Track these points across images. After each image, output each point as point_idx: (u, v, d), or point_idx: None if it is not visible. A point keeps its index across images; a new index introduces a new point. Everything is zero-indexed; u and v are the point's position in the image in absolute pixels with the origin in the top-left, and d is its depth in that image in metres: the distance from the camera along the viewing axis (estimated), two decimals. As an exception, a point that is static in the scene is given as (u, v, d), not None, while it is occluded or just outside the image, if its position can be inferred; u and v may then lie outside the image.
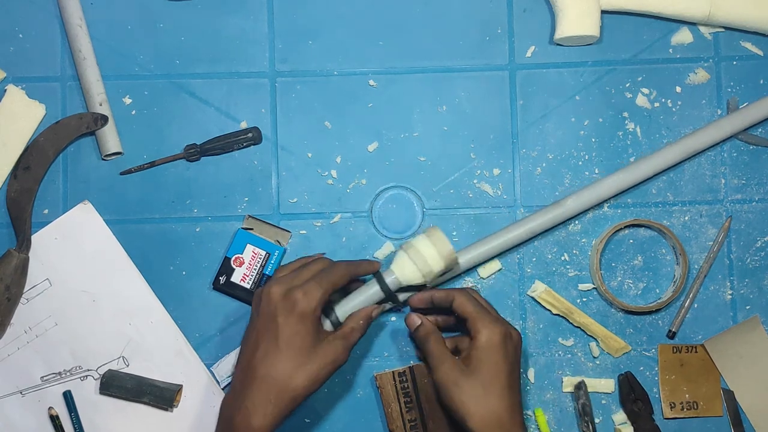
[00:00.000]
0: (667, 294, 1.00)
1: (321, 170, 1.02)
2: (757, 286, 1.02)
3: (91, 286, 0.99)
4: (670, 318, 1.02)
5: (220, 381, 0.99)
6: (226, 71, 1.02)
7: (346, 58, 1.03)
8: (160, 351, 0.99)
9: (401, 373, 0.98)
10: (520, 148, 1.03)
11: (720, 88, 1.04)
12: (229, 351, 0.99)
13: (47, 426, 0.97)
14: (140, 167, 1.01)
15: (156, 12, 1.02)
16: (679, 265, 1.00)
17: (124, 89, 1.02)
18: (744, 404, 1.01)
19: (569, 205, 0.99)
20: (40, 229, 0.99)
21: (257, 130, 1.01)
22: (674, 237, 1.00)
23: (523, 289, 1.01)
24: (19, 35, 1.02)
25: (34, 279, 0.99)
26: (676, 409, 1.01)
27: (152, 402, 0.97)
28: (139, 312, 0.99)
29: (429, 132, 1.02)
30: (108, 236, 1.00)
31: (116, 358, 0.99)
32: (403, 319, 0.98)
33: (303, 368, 0.85)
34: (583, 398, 0.99)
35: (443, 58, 1.03)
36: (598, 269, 1.00)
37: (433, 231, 0.92)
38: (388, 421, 0.97)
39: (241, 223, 1.00)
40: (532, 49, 1.03)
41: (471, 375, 0.88)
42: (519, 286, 1.02)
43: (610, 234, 1.00)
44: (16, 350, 0.98)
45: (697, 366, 1.01)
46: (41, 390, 0.98)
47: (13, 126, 0.99)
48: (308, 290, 0.86)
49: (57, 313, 0.99)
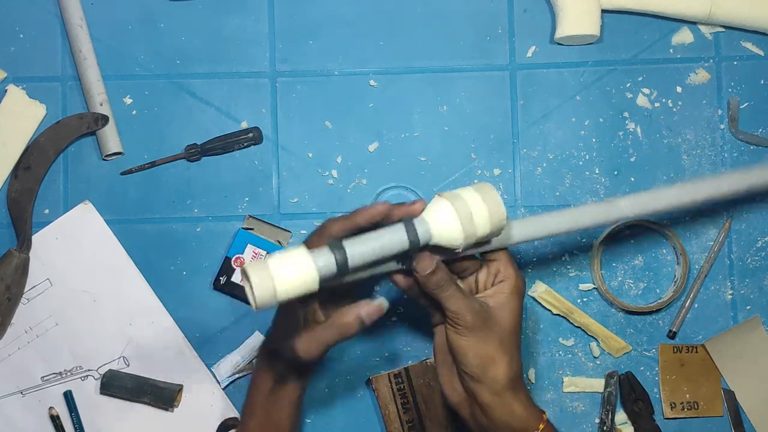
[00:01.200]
0: (668, 294, 1.00)
1: (321, 170, 1.02)
2: (757, 286, 1.02)
3: (91, 286, 0.99)
4: (670, 318, 1.02)
5: (221, 381, 0.99)
6: (227, 71, 1.02)
7: (346, 58, 1.03)
8: (161, 351, 0.99)
9: (397, 375, 0.98)
10: (520, 148, 1.02)
11: (720, 89, 1.03)
12: (229, 351, 1.00)
13: (48, 426, 0.97)
14: (141, 167, 1.01)
15: (156, 12, 1.02)
16: (679, 265, 1.00)
17: (124, 89, 1.02)
18: (744, 404, 1.01)
19: (623, 207, 0.88)
20: (41, 229, 1.00)
21: (258, 130, 1.01)
22: (675, 237, 1.00)
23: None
24: (19, 35, 1.02)
25: (34, 279, 0.99)
26: (676, 409, 1.01)
27: (153, 402, 0.97)
28: (140, 312, 0.99)
29: (429, 132, 1.02)
30: (108, 236, 1.00)
31: (117, 358, 0.99)
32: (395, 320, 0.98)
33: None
34: (612, 387, 0.99)
35: (443, 58, 1.03)
36: (599, 269, 1.00)
37: (484, 187, 0.77)
38: (386, 423, 0.97)
39: (242, 223, 1.00)
40: (533, 49, 1.03)
41: (497, 319, 0.81)
42: (519, 286, 1.02)
43: (609, 234, 1.00)
44: (16, 350, 0.98)
45: (697, 366, 1.01)
46: (42, 390, 0.98)
47: (13, 126, 0.99)
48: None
49: (57, 313, 0.99)
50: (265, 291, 0.69)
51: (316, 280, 0.71)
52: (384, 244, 0.74)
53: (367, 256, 0.74)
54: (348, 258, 0.72)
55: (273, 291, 0.70)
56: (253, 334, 1.00)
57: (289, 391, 0.83)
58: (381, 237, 0.74)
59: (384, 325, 1.01)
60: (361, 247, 0.73)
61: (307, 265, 0.71)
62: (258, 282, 0.69)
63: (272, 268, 0.70)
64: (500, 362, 0.81)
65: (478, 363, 0.81)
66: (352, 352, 1.00)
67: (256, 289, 0.69)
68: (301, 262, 0.71)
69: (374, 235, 0.75)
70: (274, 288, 0.70)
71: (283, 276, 0.70)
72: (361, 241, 0.74)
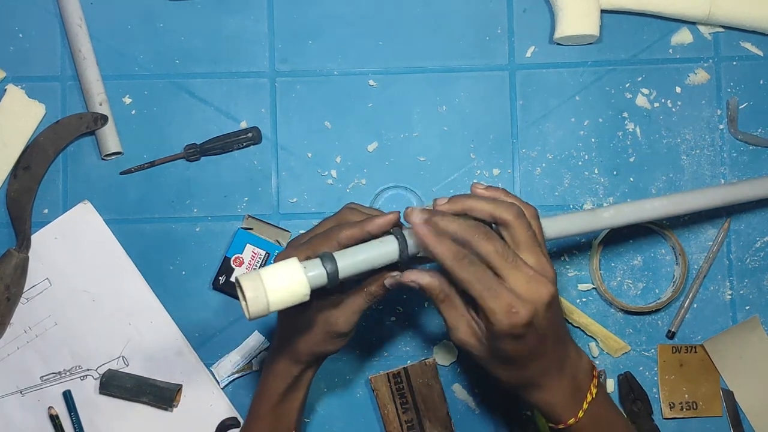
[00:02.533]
0: (667, 294, 1.00)
1: (321, 170, 1.02)
2: (756, 286, 1.02)
3: (90, 285, 0.99)
4: (669, 318, 1.02)
5: (220, 381, 0.99)
6: (226, 71, 1.02)
7: (346, 58, 1.03)
8: (160, 351, 0.99)
9: (396, 375, 0.98)
10: (519, 148, 1.02)
11: (720, 89, 1.03)
12: (229, 351, 1.00)
13: (47, 425, 0.97)
14: (140, 167, 1.01)
15: (156, 12, 1.02)
16: (678, 266, 1.00)
17: (124, 89, 1.02)
18: (743, 405, 1.01)
19: (606, 218, 0.90)
20: (40, 228, 1.00)
21: (257, 129, 1.01)
22: (674, 237, 1.00)
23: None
24: (19, 35, 1.02)
25: (33, 278, 0.99)
26: (675, 409, 1.01)
27: (152, 402, 0.97)
28: (139, 312, 0.99)
29: (429, 132, 1.02)
30: (108, 236, 1.00)
31: (116, 357, 0.99)
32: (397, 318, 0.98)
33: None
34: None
35: (443, 58, 1.03)
36: (598, 269, 1.00)
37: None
38: (385, 423, 0.97)
39: (241, 223, 1.00)
40: (532, 49, 1.03)
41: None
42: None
43: (610, 234, 1.00)
44: (15, 350, 0.98)
45: (696, 366, 1.01)
46: (41, 390, 0.98)
47: (13, 125, 0.99)
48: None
49: (57, 313, 0.99)
50: (259, 304, 0.71)
51: (308, 293, 0.73)
52: (375, 256, 0.76)
53: (357, 267, 0.76)
54: (339, 270, 0.74)
55: (266, 304, 0.71)
56: (252, 334, 1.00)
57: (300, 392, 0.86)
58: (372, 249, 0.76)
59: (383, 326, 1.01)
60: (351, 259, 0.75)
61: (299, 278, 0.72)
62: (251, 295, 0.71)
63: (265, 281, 0.71)
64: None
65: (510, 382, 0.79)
66: (352, 352, 1.00)
67: (250, 303, 0.71)
68: (293, 275, 0.72)
69: (366, 247, 0.76)
70: (267, 301, 0.71)
71: (275, 289, 0.71)
72: (353, 253, 0.76)
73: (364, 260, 0.75)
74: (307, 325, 0.82)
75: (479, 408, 1.01)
